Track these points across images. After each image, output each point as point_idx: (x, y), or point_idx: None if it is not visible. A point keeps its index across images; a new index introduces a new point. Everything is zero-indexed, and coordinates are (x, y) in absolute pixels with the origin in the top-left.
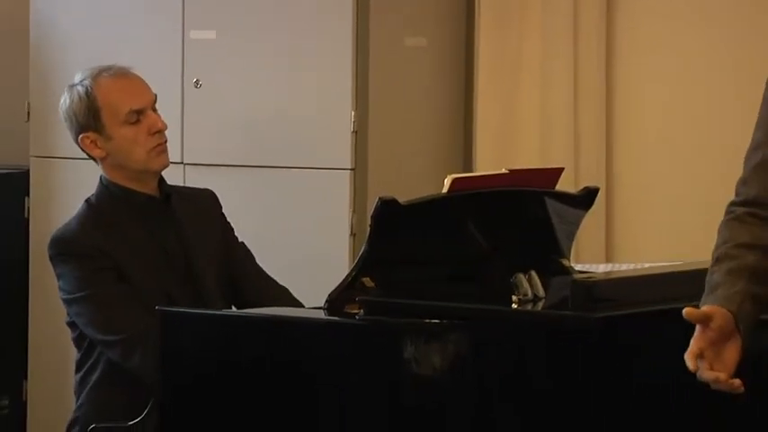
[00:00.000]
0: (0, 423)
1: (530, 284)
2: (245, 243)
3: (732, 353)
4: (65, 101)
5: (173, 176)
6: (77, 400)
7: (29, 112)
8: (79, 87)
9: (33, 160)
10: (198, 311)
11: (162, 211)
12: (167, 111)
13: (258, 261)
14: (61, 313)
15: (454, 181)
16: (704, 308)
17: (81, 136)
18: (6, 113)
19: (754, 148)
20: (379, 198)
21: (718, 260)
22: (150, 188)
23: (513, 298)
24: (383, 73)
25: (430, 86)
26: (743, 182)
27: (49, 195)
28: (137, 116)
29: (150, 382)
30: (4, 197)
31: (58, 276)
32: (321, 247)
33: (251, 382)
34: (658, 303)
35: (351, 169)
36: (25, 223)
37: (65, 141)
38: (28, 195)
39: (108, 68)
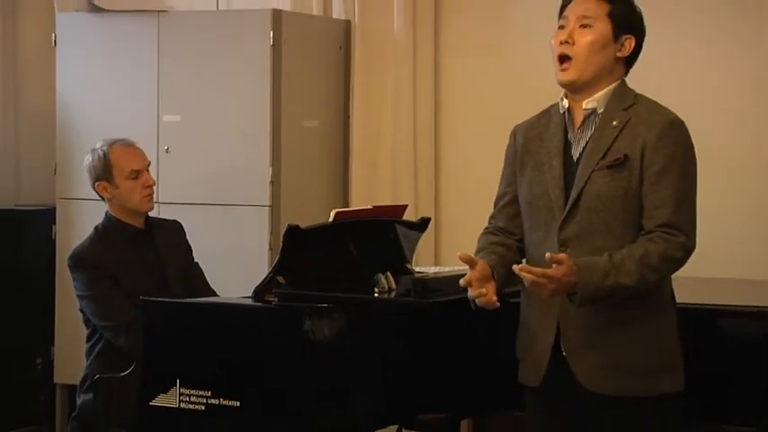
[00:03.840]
0: (36, 376)
1: (386, 281)
2: (199, 259)
3: (491, 288)
4: (88, 159)
5: (152, 211)
6: (87, 361)
7: (55, 169)
8: (99, 151)
9: (58, 201)
10: (168, 300)
11: (146, 238)
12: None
13: (206, 268)
14: (76, 303)
15: (337, 213)
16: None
17: (97, 183)
18: (40, 169)
19: (500, 197)
20: (288, 225)
21: (478, 252)
22: (139, 223)
23: (375, 290)
24: (290, 143)
25: (320, 153)
26: (492, 217)
27: (68, 224)
28: (136, 174)
29: (133, 355)
30: (39, 224)
31: (73, 279)
32: (249, 257)
33: (204, 347)
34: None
35: (269, 206)
36: (53, 243)
37: (80, 189)
38: (55, 224)
39: (120, 140)
